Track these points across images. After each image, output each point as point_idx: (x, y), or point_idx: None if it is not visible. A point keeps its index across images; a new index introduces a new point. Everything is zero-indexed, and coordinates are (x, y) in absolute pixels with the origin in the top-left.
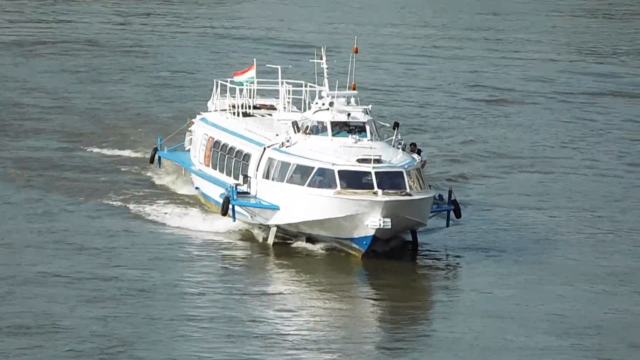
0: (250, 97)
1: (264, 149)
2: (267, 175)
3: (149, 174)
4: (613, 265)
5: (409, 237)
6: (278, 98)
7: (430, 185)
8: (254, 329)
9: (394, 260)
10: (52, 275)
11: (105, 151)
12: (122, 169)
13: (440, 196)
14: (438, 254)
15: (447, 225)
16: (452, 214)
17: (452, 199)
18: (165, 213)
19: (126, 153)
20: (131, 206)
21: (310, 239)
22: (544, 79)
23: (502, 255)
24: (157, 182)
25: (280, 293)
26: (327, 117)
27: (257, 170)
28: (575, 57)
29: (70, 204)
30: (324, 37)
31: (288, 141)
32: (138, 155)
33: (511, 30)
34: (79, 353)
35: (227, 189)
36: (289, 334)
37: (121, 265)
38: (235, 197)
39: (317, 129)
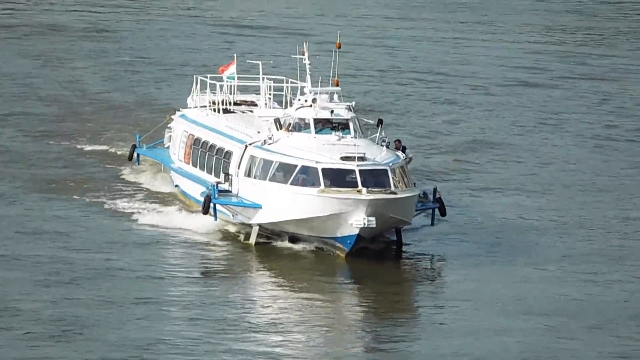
0: (230, 94)
1: (246, 146)
2: (249, 174)
3: (126, 171)
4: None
5: (393, 237)
6: (258, 94)
7: (414, 183)
8: (233, 333)
9: (378, 260)
10: (11, 258)
11: (76, 144)
12: (97, 164)
13: (425, 194)
14: (423, 253)
15: (432, 224)
16: (437, 212)
17: (437, 196)
18: (142, 210)
19: (99, 147)
20: (106, 202)
21: (293, 239)
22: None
23: (488, 254)
24: (135, 179)
25: (262, 294)
26: (309, 114)
27: (238, 168)
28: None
29: (41, 199)
30: (290, 21)
31: (270, 138)
32: (105, 147)
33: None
34: (35, 335)
35: (208, 187)
36: (270, 336)
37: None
38: (216, 195)
39: (300, 126)
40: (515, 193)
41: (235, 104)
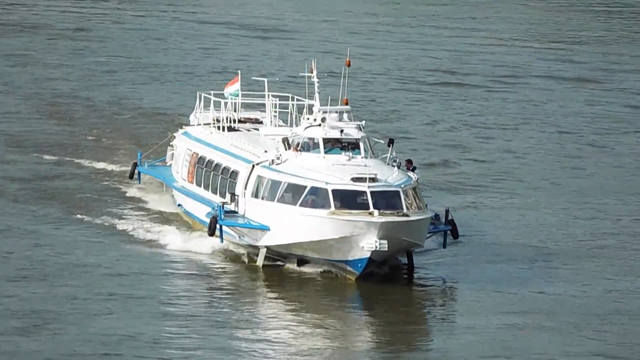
0: (234, 111)
1: (253, 166)
2: (256, 194)
3: (128, 189)
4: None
5: (404, 259)
6: (262, 111)
7: (426, 205)
8: (240, 356)
9: (389, 284)
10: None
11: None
12: (100, 182)
13: (437, 216)
14: (434, 277)
15: (444, 247)
16: (449, 234)
17: (449, 218)
18: (144, 230)
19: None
20: (107, 222)
21: (302, 261)
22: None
23: (502, 278)
24: (136, 197)
25: (270, 317)
26: (318, 134)
27: (245, 189)
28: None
29: (38, 215)
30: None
31: (278, 158)
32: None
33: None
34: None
35: (214, 208)
36: None
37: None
38: (222, 216)
39: (309, 146)
40: (529, 210)
41: (239, 121)
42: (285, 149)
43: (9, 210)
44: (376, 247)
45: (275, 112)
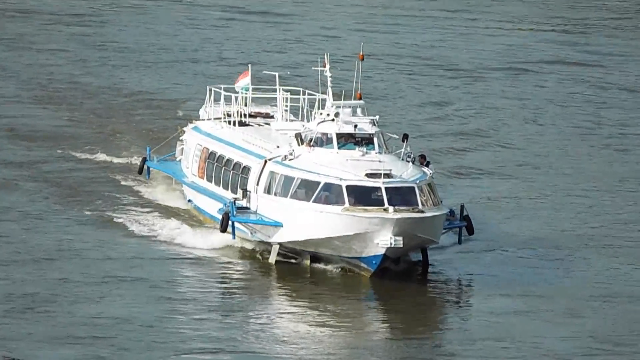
0: (245, 105)
1: (265, 161)
2: (268, 190)
3: (136, 184)
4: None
5: (419, 256)
6: (273, 105)
7: (441, 201)
8: (254, 354)
9: (403, 281)
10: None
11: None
12: (108, 176)
13: (452, 212)
14: (449, 274)
15: (459, 243)
16: (464, 230)
17: (464, 214)
18: (154, 225)
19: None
20: (115, 217)
21: (315, 258)
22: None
23: (519, 275)
24: (146, 193)
25: (283, 314)
26: (332, 129)
27: (257, 185)
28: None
29: (45, 212)
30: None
31: (291, 154)
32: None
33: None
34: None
35: (225, 204)
36: (292, 358)
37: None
38: (235, 213)
39: (322, 141)
40: (546, 203)
41: (250, 116)
42: (298, 145)
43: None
44: (391, 243)
45: (287, 106)
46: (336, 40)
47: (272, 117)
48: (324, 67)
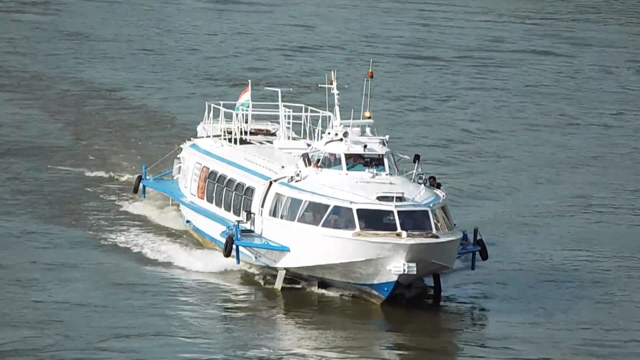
0: (245, 122)
1: (270, 182)
2: (274, 213)
3: (131, 203)
4: None
5: (431, 282)
6: (273, 122)
7: (455, 224)
8: None
9: (415, 308)
10: None
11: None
12: (101, 195)
13: (465, 236)
14: (463, 301)
15: (473, 268)
16: (477, 255)
17: (478, 238)
18: (150, 248)
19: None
20: (109, 239)
21: (324, 284)
22: None
23: (534, 303)
24: (140, 212)
25: (290, 344)
26: (341, 149)
27: (262, 207)
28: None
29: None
30: None
31: (298, 175)
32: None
33: None
34: None
35: (229, 227)
36: None
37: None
38: (239, 236)
39: (330, 162)
40: (564, 223)
41: (251, 133)
42: (305, 165)
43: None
44: (404, 270)
45: (289, 123)
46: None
47: (273, 134)
48: (331, 84)
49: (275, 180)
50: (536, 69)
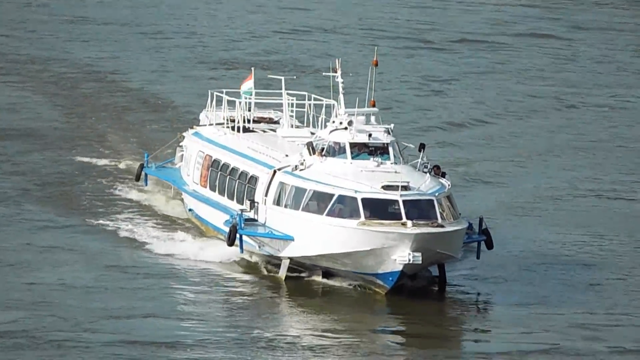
0: (248, 110)
1: (274, 171)
2: (278, 202)
3: (133, 191)
4: None
5: (436, 272)
6: (275, 110)
7: (460, 214)
8: None
9: (419, 298)
10: None
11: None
12: (101, 181)
13: (470, 225)
14: (467, 291)
15: (478, 258)
16: (483, 244)
17: (483, 228)
18: (152, 236)
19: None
20: (110, 227)
21: (327, 273)
22: None
23: (539, 292)
24: (142, 200)
25: (294, 334)
26: (345, 138)
27: (265, 196)
28: None
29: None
30: None
31: (302, 164)
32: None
33: None
34: None
35: (232, 216)
36: None
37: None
38: (243, 225)
39: (334, 151)
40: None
41: (253, 121)
42: (310, 154)
43: None
44: (409, 259)
45: (292, 111)
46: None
47: (276, 122)
48: (335, 72)
49: (279, 169)
50: (543, 52)
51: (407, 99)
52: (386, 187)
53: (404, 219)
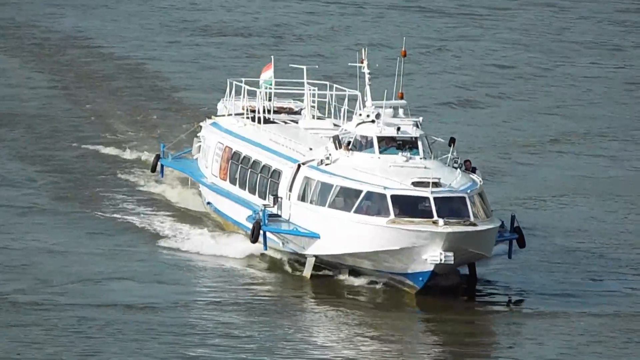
0: (268, 100)
1: (299, 165)
2: (303, 197)
3: (149, 183)
4: None
5: (466, 270)
6: (296, 99)
7: (492, 211)
8: None
9: (449, 298)
10: None
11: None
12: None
13: (502, 223)
14: (499, 291)
15: (510, 257)
16: (515, 243)
17: (515, 226)
18: (170, 230)
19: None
20: (124, 221)
21: (354, 272)
22: None
23: (573, 292)
24: (159, 192)
25: (321, 334)
26: (373, 131)
27: (289, 191)
28: None
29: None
30: None
31: (328, 158)
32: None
33: None
34: None
35: (255, 212)
36: None
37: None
38: (266, 222)
39: (361, 145)
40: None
41: (273, 112)
42: (336, 148)
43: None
44: (441, 259)
45: (314, 102)
46: None
47: (297, 112)
48: (361, 62)
49: (303, 163)
50: None
51: (440, 91)
52: (416, 184)
53: (435, 217)
